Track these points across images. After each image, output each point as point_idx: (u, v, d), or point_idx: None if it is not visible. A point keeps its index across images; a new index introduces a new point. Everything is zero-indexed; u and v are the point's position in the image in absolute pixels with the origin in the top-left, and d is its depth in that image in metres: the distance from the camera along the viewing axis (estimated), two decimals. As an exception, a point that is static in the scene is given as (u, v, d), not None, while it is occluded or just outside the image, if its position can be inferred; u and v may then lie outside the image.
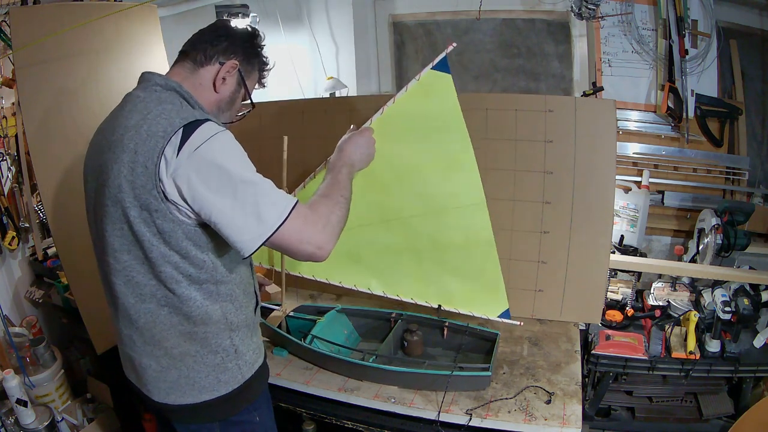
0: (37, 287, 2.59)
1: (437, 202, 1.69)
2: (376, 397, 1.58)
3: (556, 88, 2.89)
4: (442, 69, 1.54)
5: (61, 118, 1.93)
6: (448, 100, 1.57)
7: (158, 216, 1.10)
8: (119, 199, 1.11)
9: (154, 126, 1.09)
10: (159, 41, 2.31)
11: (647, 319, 2.00)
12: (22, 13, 1.85)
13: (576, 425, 1.43)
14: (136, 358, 1.26)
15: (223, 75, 1.25)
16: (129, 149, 1.09)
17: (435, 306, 1.76)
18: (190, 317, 1.20)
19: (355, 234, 1.73)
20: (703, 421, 1.98)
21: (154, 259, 1.14)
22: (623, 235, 2.40)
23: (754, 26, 2.39)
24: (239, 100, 1.33)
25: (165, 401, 1.26)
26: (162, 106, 1.13)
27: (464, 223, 1.69)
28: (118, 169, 1.10)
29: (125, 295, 1.20)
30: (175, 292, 1.17)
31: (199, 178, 1.05)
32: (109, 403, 2.28)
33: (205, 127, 1.08)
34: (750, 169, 2.39)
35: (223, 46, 1.25)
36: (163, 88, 1.19)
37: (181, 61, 1.27)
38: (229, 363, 1.26)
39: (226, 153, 1.08)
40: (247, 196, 1.07)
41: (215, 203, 1.06)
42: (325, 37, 3.06)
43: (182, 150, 1.05)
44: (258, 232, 1.08)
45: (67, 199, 1.94)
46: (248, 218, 1.07)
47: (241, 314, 1.28)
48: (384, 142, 1.54)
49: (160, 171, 1.06)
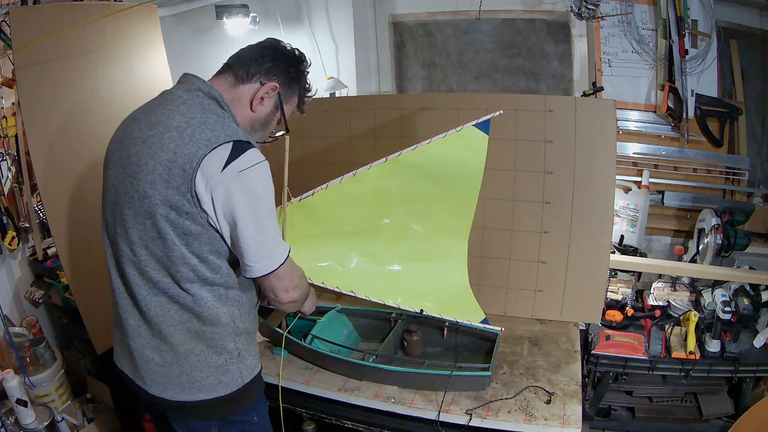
0: (37, 287, 2.59)
1: (425, 227, 1.83)
2: (376, 397, 1.58)
3: (556, 88, 2.89)
4: (483, 129, 1.63)
5: (60, 118, 1.93)
6: (477, 157, 1.66)
7: (188, 218, 1.12)
8: (149, 194, 1.12)
9: (198, 133, 1.11)
10: (159, 41, 2.31)
11: (647, 319, 2.00)
12: (22, 13, 1.85)
13: (576, 425, 1.43)
14: (138, 349, 1.26)
15: (262, 95, 1.26)
16: (169, 149, 1.10)
17: (417, 311, 1.78)
18: (201, 316, 1.21)
19: (346, 239, 1.80)
20: (703, 421, 1.98)
21: (173, 258, 1.16)
22: (623, 235, 2.40)
23: (754, 26, 2.39)
24: (274, 123, 1.34)
25: (162, 396, 1.27)
26: (207, 115, 1.15)
27: (443, 262, 1.86)
28: (153, 165, 1.11)
29: (138, 286, 1.21)
30: (189, 291, 1.19)
31: (237, 199, 1.11)
32: (109, 403, 2.28)
33: (253, 152, 1.13)
34: (750, 169, 2.39)
35: (267, 66, 1.26)
36: (205, 95, 1.20)
37: (224, 73, 1.27)
38: (231, 366, 1.27)
39: (265, 185, 1.15)
40: (268, 231, 1.17)
41: (243, 228, 1.13)
42: (325, 37, 3.06)
43: (228, 167, 1.09)
44: (269, 264, 1.19)
45: (67, 198, 1.95)
46: (263, 251, 1.17)
47: (246, 320, 1.30)
48: (406, 170, 1.68)
49: (196, 177, 1.09)
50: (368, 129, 2.12)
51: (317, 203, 1.70)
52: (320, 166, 2.18)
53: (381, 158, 1.66)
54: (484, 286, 2.00)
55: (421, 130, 2.03)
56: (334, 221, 1.77)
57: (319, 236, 1.75)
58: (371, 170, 1.67)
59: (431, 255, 1.86)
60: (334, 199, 1.70)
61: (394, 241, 1.84)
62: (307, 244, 1.73)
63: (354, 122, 2.14)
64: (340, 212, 1.75)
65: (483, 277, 2.00)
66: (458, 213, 1.79)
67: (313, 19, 3.07)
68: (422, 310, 1.77)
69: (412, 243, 1.85)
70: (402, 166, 1.67)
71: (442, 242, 1.85)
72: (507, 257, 1.98)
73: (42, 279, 2.61)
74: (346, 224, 1.80)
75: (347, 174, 1.67)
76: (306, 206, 1.70)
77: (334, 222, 1.77)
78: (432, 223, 1.83)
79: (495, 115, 1.62)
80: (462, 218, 1.81)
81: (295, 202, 1.66)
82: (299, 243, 1.68)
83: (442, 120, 1.98)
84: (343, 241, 1.81)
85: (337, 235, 1.80)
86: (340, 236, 1.80)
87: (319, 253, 1.78)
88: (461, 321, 1.77)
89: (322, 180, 1.68)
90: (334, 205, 1.72)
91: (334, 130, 2.18)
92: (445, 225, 1.83)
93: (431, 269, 1.86)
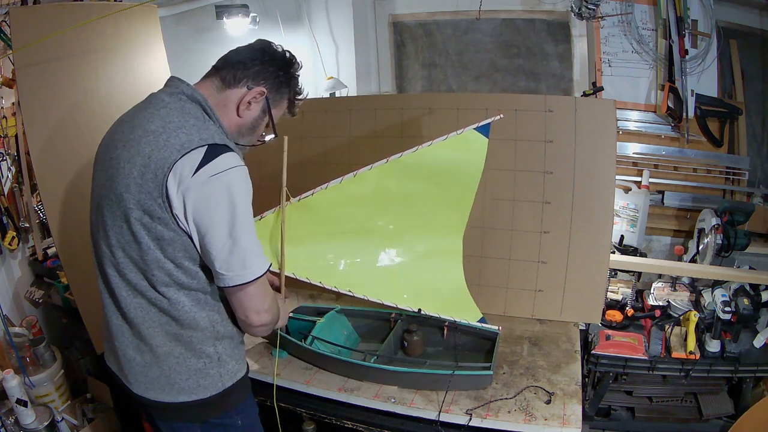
0: (37, 287, 2.59)
1: (423, 226, 1.83)
2: (376, 397, 1.58)
3: (556, 88, 2.89)
4: (483, 132, 1.65)
5: (60, 118, 1.93)
6: (476, 160, 1.68)
7: (160, 223, 1.11)
8: (124, 198, 1.11)
9: (173, 138, 1.09)
10: (159, 41, 2.31)
11: (647, 319, 2.00)
12: (22, 13, 1.85)
13: (576, 425, 1.43)
14: (122, 349, 1.26)
15: (249, 100, 1.23)
16: (144, 153, 1.09)
17: (415, 310, 1.78)
18: (178, 320, 1.21)
19: (345, 239, 1.80)
20: (703, 421, 1.98)
21: (148, 262, 1.15)
22: (623, 235, 2.40)
23: (754, 26, 2.39)
24: (262, 127, 1.32)
25: (144, 395, 1.27)
26: (184, 119, 1.13)
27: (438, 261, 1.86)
28: (129, 169, 1.10)
29: (119, 287, 1.21)
30: (165, 294, 1.18)
31: (207, 203, 1.08)
32: (109, 403, 2.27)
33: (228, 156, 1.10)
34: (750, 169, 2.40)
35: (254, 70, 1.23)
36: (188, 98, 1.18)
37: (212, 77, 1.25)
38: (210, 370, 1.26)
39: (239, 190, 1.11)
40: (241, 239, 1.12)
41: (213, 233, 1.10)
42: (325, 37, 3.06)
43: (200, 171, 1.07)
44: (241, 274, 1.14)
45: (67, 198, 1.94)
46: (234, 258, 1.12)
47: (227, 325, 1.28)
48: (406, 171, 1.68)
49: (168, 182, 1.07)
50: (368, 129, 2.12)
51: (317, 203, 1.70)
52: (320, 166, 2.18)
53: (382, 159, 1.66)
54: (484, 286, 2.00)
55: (421, 130, 2.03)
56: (333, 221, 1.77)
57: (317, 235, 1.75)
58: (372, 171, 1.68)
59: (428, 255, 1.86)
60: (333, 199, 1.71)
61: (392, 241, 1.85)
62: (305, 244, 1.73)
63: (354, 122, 2.14)
64: (340, 212, 1.76)
65: (483, 277, 2.00)
66: (455, 214, 1.80)
67: (313, 19, 3.07)
68: (420, 309, 1.77)
69: (410, 243, 1.85)
70: (402, 167, 1.68)
71: (439, 242, 1.85)
72: (507, 257, 1.98)
73: (42, 279, 2.61)
74: (344, 224, 1.80)
75: (348, 174, 1.67)
76: (305, 206, 1.70)
77: (333, 222, 1.77)
78: (429, 224, 1.83)
79: (496, 119, 1.63)
80: (458, 219, 1.82)
81: (294, 201, 1.67)
82: (298, 242, 1.68)
83: (442, 120, 1.98)
84: (342, 240, 1.81)
85: (335, 235, 1.80)
86: (338, 236, 1.80)
87: (318, 253, 1.78)
88: (459, 320, 1.77)
89: (322, 180, 1.68)
90: (333, 205, 1.72)
91: (334, 130, 2.18)
92: (442, 225, 1.83)
93: (428, 269, 1.86)
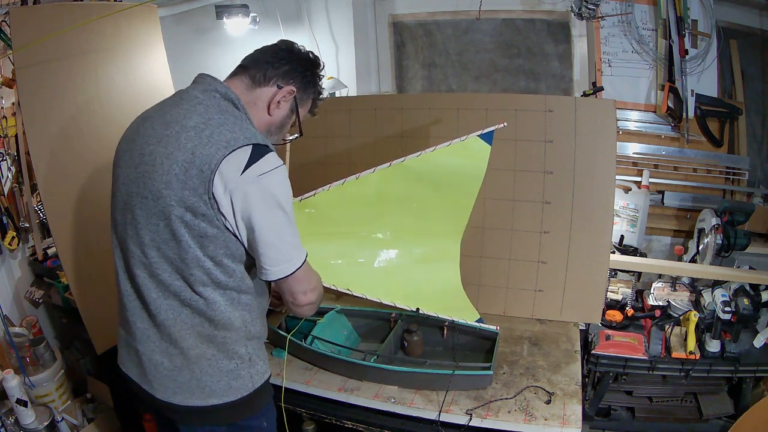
0: (37, 287, 2.59)
1: (422, 230, 1.86)
2: (376, 397, 1.58)
3: (556, 88, 2.89)
4: (486, 140, 1.66)
5: (61, 117, 1.93)
6: (478, 167, 1.69)
7: (204, 220, 1.11)
8: (163, 195, 1.10)
9: (217, 134, 1.09)
10: (159, 41, 2.31)
11: (647, 319, 2.00)
12: (22, 13, 1.84)
13: (576, 425, 1.43)
14: (147, 353, 1.24)
15: (279, 99, 1.25)
16: (186, 149, 1.09)
17: (413, 309, 1.78)
18: (213, 320, 1.20)
19: (345, 239, 1.82)
20: (703, 421, 1.98)
21: (188, 261, 1.14)
22: (623, 235, 2.40)
23: (754, 26, 2.39)
24: (288, 126, 1.34)
25: (170, 401, 1.25)
26: (225, 116, 1.14)
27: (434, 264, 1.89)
28: (169, 165, 1.09)
29: (148, 289, 1.19)
30: (202, 294, 1.17)
31: (256, 203, 1.10)
32: (109, 403, 2.28)
33: (272, 156, 1.13)
34: (750, 169, 2.40)
35: (284, 69, 1.25)
36: (222, 96, 1.19)
37: (240, 75, 1.25)
38: (242, 371, 1.26)
39: (284, 189, 1.14)
40: (286, 235, 1.17)
41: (261, 232, 1.12)
42: (325, 37, 3.06)
43: (248, 171, 1.08)
44: (285, 267, 1.18)
45: (67, 198, 1.94)
46: (280, 255, 1.17)
47: (257, 324, 1.29)
48: (408, 175, 1.70)
49: (215, 179, 1.07)
50: (368, 129, 2.12)
51: (318, 203, 1.70)
52: (320, 166, 2.18)
53: (383, 162, 1.67)
54: (484, 286, 2.00)
55: (421, 130, 2.03)
56: (333, 221, 1.77)
57: (317, 235, 1.75)
58: (374, 174, 1.68)
59: (426, 258, 1.88)
60: (335, 200, 1.71)
61: (391, 244, 1.86)
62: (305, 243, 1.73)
63: (354, 122, 2.14)
64: (340, 213, 1.76)
65: (483, 277, 2.00)
66: (454, 219, 1.82)
67: (313, 19, 3.07)
68: (419, 308, 1.78)
69: (408, 246, 1.87)
70: (404, 171, 1.69)
71: (437, 245, 1.87)
72: (507, 257, 1.98)
73: (42, 279, 2.61)
74: (345, 225, 1.80)
75: (350, 177, 1.67)
76: (306, 206, 1.70)
77: (333, 222, 1.78)
78: (429, 227, 1.84)
79: (499, 127, 1.65)
80: (457, 224, 1.83)
81: (295, 201, 1.67)
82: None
83: (442, 120, 1.99)
84: (342, 241, 1.82)
85: (335, 235, 1.80)
86: (338, 236, 1.81)
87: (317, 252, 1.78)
88: (458, 320, 1.77)
89: (322, 179, 1.68)
90: (334, 206, 1.73)
91: (334, 130, 2.18)
92: (441, 229, 1.84)
93: (426, 270, 1.88)
